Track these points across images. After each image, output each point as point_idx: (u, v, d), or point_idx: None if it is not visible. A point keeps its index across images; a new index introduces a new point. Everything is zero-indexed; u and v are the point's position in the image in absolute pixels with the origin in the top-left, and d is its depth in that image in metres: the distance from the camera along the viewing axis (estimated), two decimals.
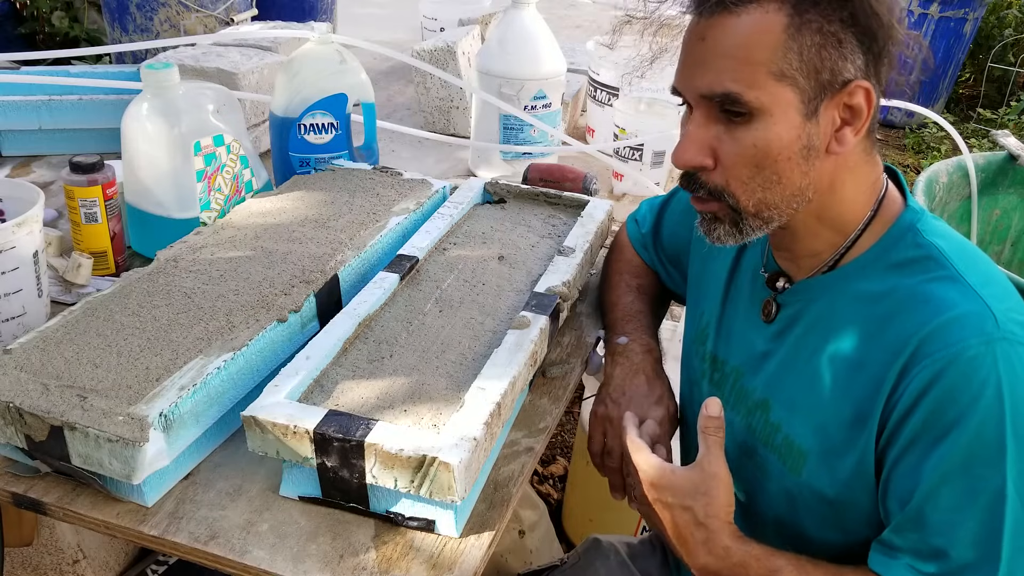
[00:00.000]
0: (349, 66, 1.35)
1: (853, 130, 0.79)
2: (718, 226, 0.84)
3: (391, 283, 1.03)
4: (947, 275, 0.78)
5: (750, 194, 0.81)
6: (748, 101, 0.76)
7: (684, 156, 0.81)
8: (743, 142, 0.78)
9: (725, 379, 0.96)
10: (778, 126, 0.77)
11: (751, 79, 0.76)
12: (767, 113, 0.77)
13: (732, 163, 0.79)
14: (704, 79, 0.78)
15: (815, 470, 0.84)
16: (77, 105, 1.52)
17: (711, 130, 0.80)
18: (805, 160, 0.79)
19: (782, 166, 0.79)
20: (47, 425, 0.79)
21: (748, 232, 0.83)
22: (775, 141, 0.77)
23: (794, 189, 0.80)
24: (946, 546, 0.74)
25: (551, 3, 2.76)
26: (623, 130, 1.52)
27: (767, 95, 0.76)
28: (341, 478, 0.80)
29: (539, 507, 1.79)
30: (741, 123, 0.78)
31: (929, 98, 4.43)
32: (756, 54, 0.75)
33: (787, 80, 0.76)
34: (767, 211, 0.81)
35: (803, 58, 0.75)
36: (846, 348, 0.82)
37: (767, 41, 0.75)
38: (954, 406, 0.73)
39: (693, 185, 0.83)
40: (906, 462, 0.76)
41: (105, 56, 2.96)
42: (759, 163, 0.79)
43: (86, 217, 1.15)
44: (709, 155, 0.80)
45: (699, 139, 0.80)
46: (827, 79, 0.77)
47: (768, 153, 0.78)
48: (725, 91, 0.77)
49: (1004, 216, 2.06)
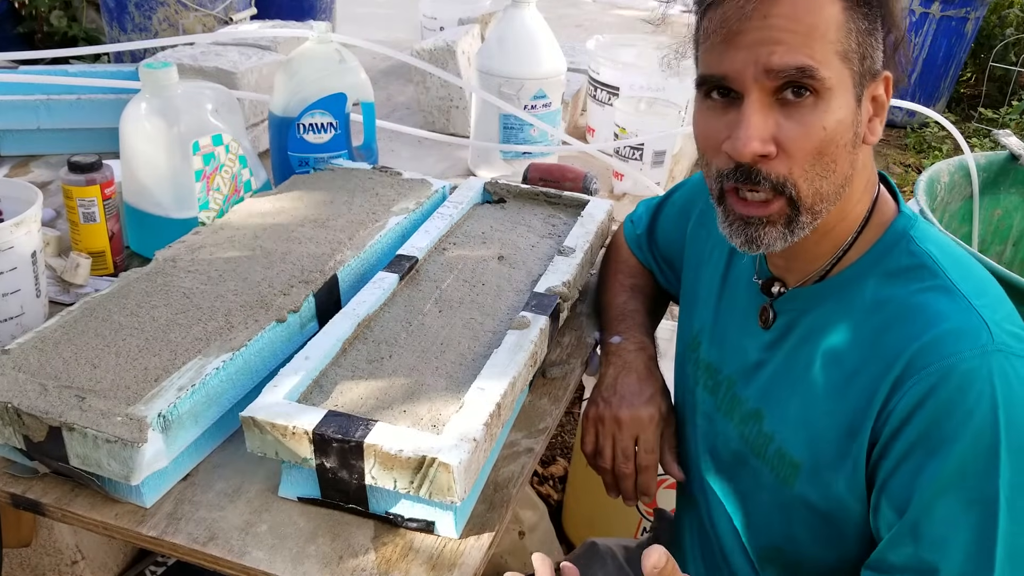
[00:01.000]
0: (348, 65, 1.35)
1: (880, 121, 0.79)
2: (770, 229, 0.78)
3: (390, 283, 1.02)
4: (940, 285, 0.77)
5: (810, 183, 0.76)
6: (825, 77, 0.73)
7: (751, 145, 0.74)
8: (812, 125, 0.74)
9: (719, 386, 0.96)
10: (842, 109, 0.75)
11: (824, 56, 0.73)
12: (834, 94, 0.74)
13: (797, 149, 0.75)
14: (776, 54, 0.73)
15: (807, 482, 0.83)
16: (75, 104, 1.51)
17: (771, 115, 0.75)
18: (853, 148, 0.77)
19: (839, 153, 0.76)
20: (45, 426, 0.79)
21: (799, 231, 0.78)
22: (839, 125, 0.75)
23: (842, 179, 0.78)
24: (938, 561, 0.72)
25: (551, 3, 2.75)
26: (623, 130, 1.52)
27: (835, 75, 0.74)
28: (340, 479, 0.79)
29: (539, 508, 1.79)
30: (806, 105, 0.74)
31: (930, 98, 4.43)
32: (828, 32, 0.73)
33: (847, 62, 0.75)
34: (820, 203, 0.78)
35: (858, 41, 0.75)
36: (840, 359, 0.81)
37: (834, 20, 0.74)
38: (949, 420, 0.72)
39: (755, 179, 0.76)
40: (900, 476, 0.74)
41: (103, 55, 2.96)
42: (823, 148, 0.75)
43: (84, 217, 1.15)
44: (772, 142, 0.75)
45: (763, 125, 0.74)
46: (869, 66, 0.76)
47: (834, 137, 0.75)
48: (802, 64, 0.72)
49: (1006, 216, 2.06)
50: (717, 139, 0.78)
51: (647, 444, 0.98)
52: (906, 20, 0.89)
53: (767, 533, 0.90)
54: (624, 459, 0.98)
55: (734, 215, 0.80)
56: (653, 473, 0.98)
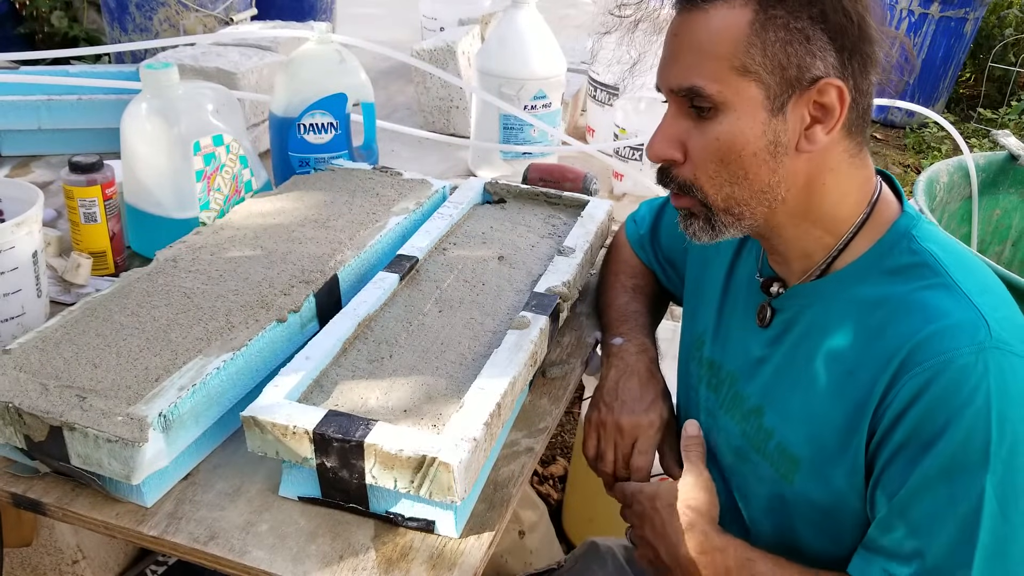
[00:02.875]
0: (349, 66, 1.35)
1: (824, 128, 0.79)
2: (693, 222, 0.86)
3: (391, 283, 1.03)
4: (941, 283, 0.78)
5: (717, 189, 0.82)
6: (711, 95, 0.78)
7: (653, 148, 0.83)
8: (708, 136, 0.80)
9: (722, 384, 0.96)
10: (741, 121, 0.78)
11: (714, 73, 0.77)
12: (730, 108, 0.78)
13: (699, 157, 0.81)
14: (673, 74, 0.80)
15: (807, 478, 0.83)
16: (76, 105, 1.52)
17: (682, 125, 0.82)
18: (772, 157, 0.80)
19: (748, 161, 0.80)
20: (46, 425, 0.79)
21: (721, 229, 0.84)
22: (739, 136, 0.79)
23: (762, 185, 0.81)
24: (922, 548, 0.74)
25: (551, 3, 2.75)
26: (623, 130, 1.52)
27: (730, 90, 0.77)
28: (341, 478, 0.79)
29: (539, 508, 1.79)
30: (708, 118, 0.79)
31: (929, 98, 4.43)
32: (719, 48, 0.77)
33: (751, 75, 0.77)
34: (737, 207, 0.83)
35: (767, 54, 0.76)
36: (839, 355, 0.82)
37: (731, 36, 0.76)
38: (943, 413, 0.73)
39: (665, 179, 0.85)
40: (894, 467, 0.76)
41: (104, 56, 2.96)
42: (723, 157, 0.80)
43: (85, 217, 1.15)
44: (679, 149, 0.82)
45: (670, 133, 0.82)
46: (794, 75, 0.77)
47: (732, 147, 0.79)
48: (690, 85, 0.78)
49: (1005, 216, 2.06)
50: None
51: (642, 446, 0.98)
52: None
53: (767, 528, 0.91)
54: (625, 464, 0.99)
55: None
56: (645, 475, 0.99)
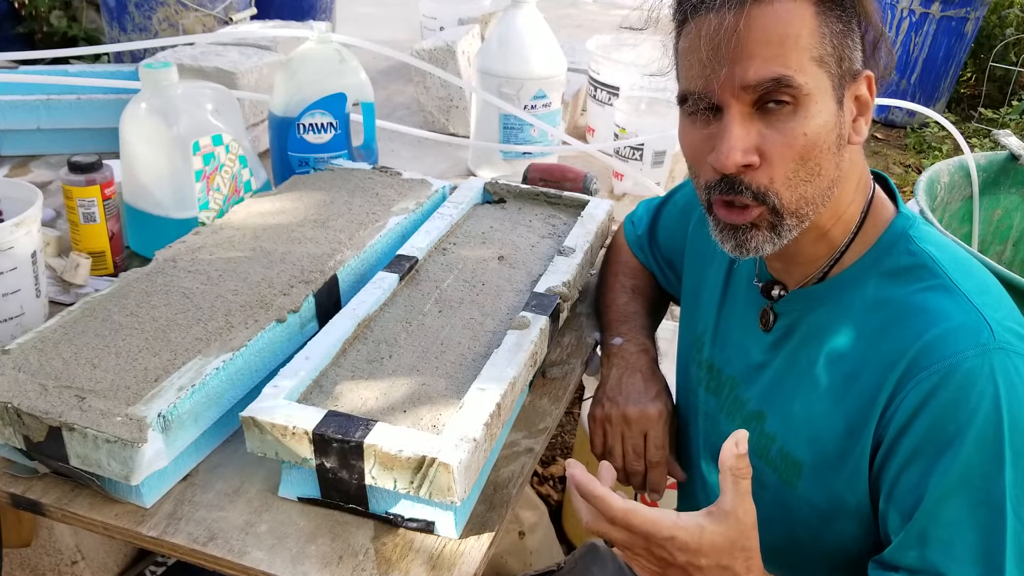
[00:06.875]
0: (348, 65, 1.35)
1: (865, 120, 0.79)
2: (756, 234, 0.80)
3: (390, 283, 1.02)
4: (941, 284, 0.78)
5: (793, 190, 0.77)
6: (800, 85, 0.74)
7: (733, 156, 0.75)
8: (792, 132, 0.75)
9: (722, 387, 0.96)
10: (822, 114, 0.76)
11: (799, 64, 0.74)
12: (812, 100, 0.75)
13: (778, 157, 0.76)
14: (750, 68, 0.74)
15: (810, 483, 0.83)
16: (75, 105, 1.51)
17: (753, 127, 0.76)
18: (838, 150, 0.78)
19: (823, 156, 0.77)
20: (45, 426, 0.78)
21: (786, 235, 0.79)
22: (821, 129, 0.76)
23: (828, 182, 0.79)
24: (946, 564, 0.71)
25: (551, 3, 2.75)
26: (623, 130, 1.52)
27: (812, 80, 0.75)
28: (340, 479, 0.79)
29: (539, 508, 1.79)
30: (785, 113, 0.75)
31: (930, 98, 4.43)
32: (800, 39, 0.74)
33: (824, 66, 0.75)
34: (806, 207, 0.79)
35: (833, 44, 0.75)
36: (841, 359, 0.81)
37: (806, 26, 0.74)
38: (953, 419, 0.72)
39: (737, 189, 0.78)
40: (908, 478, 0.74)
41: (103, 55, 2.96)
42: (805, 154, 0.76)
43: (84, 217, 1.15)
44: (755, 152, 0.76)
45: (745, 136, 0.76)
46: (848, 67, 0.77)
47: (816, 142, 0.76)
48: (776, 76, 0.74)
49: (1006, 216, 2.06)
50: (702, 153, 0.79)
51: (657, 440, 0.97)
52: (906, 20, 0.88)
53: (768, 533, 0.90)
54: (636, 456, 0.98)
55: (723, 223, 0.81)
56: (663, 469, 0.99)
